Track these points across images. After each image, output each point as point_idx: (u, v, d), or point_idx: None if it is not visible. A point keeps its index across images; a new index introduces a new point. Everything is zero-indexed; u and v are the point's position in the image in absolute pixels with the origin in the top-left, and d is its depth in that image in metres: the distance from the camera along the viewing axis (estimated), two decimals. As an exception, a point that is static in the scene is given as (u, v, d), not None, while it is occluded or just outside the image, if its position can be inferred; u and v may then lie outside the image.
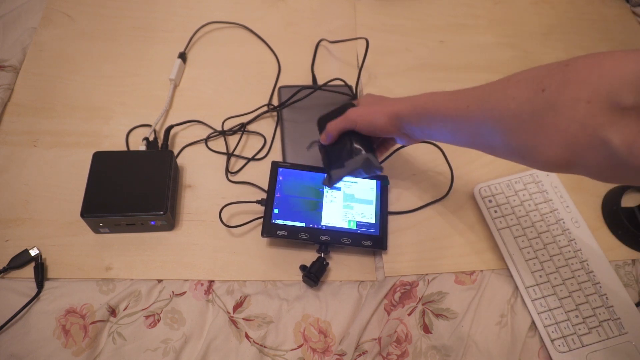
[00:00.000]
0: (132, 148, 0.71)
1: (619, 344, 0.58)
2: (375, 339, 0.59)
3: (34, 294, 0.58)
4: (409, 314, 0.60)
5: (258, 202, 0.64)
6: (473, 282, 0.63)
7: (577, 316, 0.59)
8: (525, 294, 0.61)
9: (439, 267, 0.64)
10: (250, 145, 0.73)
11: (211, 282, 0.61)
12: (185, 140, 0.73)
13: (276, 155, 0.72)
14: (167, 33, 0.84)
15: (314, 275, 0.60)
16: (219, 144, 0.73)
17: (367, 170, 0.58)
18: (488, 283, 0.63)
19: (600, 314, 0.59)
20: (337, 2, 0.91)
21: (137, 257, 0.62)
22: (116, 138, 0.72)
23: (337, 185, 0.65)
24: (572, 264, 0.63)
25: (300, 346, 0.58)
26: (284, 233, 0.61)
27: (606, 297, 0.60)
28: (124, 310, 0.59)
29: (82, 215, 0.60)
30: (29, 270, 0.60)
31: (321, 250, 0.62)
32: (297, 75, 0.81)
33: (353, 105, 0.60)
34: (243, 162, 0.71)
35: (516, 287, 0.62)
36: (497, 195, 0.68)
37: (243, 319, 0.59)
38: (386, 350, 0.58)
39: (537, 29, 0.90)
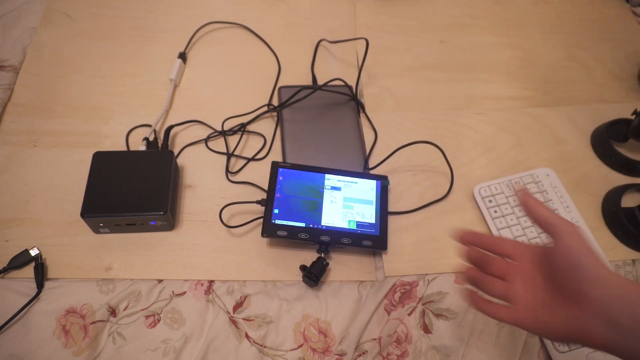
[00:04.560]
0: (132, 148, 0.71)
1: (619, 344, 0.58)
2: (375, 339, 0.59)
3: (34, 294, 0.58)
4: (409, 314, 0.60)
5: (258, 202, 0.64)
6: (473, 282, 0.63)
7: (577, 316, 0.59)
8: None
9: (439, 267, 0.64)
10: (250, 145, 0.73)
11: (211, 282, 0.61)
12: (185, 140, 0.73)
13: (276, 155, 0.72)
14: (167, 33, 0.84)
15: (314, 275, 0.60)
16: (219, 144, 0.73)
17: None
18: (488, 283, 0.63)
19: (600, 314, 0.59)
20: (337, 2, 0.91)
21: (137, 257, 0.62)
22: (116, 138, 0.72)
23: (337, 185, 0.65)
24: (572, 264, 0.62)
25: (300, 346, 0.58)
26: (284, 233, 0.61)
27: (606, 297, 0.60)
28: (124, 310, 0.59)
29: (82, 215, 0.60)
30: (29, 270, 0.60)
31: (321, 250, 0.62)
32: (297, 75, 0.81)
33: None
34: (243, 162, 0.71)
35: (516, 287, 0.62)
36: (497, 195, 0.68)
37: (243, 319, 0.59)
38: (386, 350, 0.58)
39: (537, 29, 0.90)
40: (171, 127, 0.72)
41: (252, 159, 0.72)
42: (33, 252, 0.60)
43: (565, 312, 0.41)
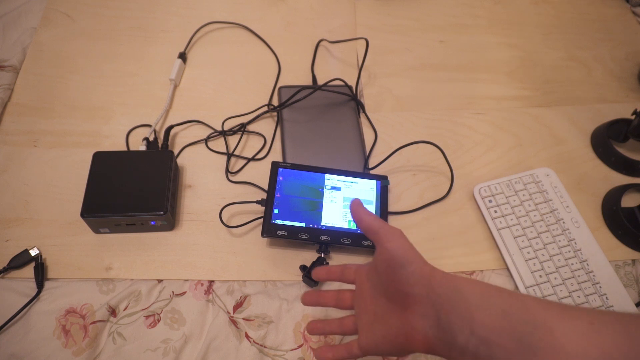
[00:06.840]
0: (132, 148, 0.71)
1: (619, 344, 0.58)
2: (375, 339, 0.59)
3: (34, 294, 0.58)
4: (409, 314, 0.60)
5: (258, 202, 0.64)
6: (473, 282, 0.63)
7: (577, 316, 0.59)
8: (525, 294, 0.61)
9: (439, 267, 0.63)
10: (250, 145, 0.73)
11: (211, 282, 0.61)
12: (185, 140, 0.73)
13: (276, 155, 0.72)
14: (167, 33, 0.84)
15: (314, 275, 0.60)
16: (219, 144, 0.73)
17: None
18: (488, 283, 0.63)
19: (600, 314, 0.59)
20: (337, 2, 0.91)
21: (137, 257, 0.62)
22: (116, 138, 0.72)
23: (337, 185, 0.65)
24: (572, 263, 0.63)
25: (300, 346, 0.58)
26: (284, 233, 0.61)
27: (606, 297, 0.60)
28: (124, 310, 0.59)
29: (82, 215, 0.60)
30: (29, 270, 0.60)
31: (321, 250, 0.62)
32: (297, 75, 0.81)
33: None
34: (243, 162, 0.71)
35: (516, 287, 0.62)
36: (497, 195, 0.68)
37: (243, 319, 0.59)
38: (386, 350, 0.58)
39: (537, 29, 0.90)
40: (171, 127, 0.72)
41: (252, 159, 0.72)
42: (33, 252, 0.60)
43: (398, 320, 0.39)
